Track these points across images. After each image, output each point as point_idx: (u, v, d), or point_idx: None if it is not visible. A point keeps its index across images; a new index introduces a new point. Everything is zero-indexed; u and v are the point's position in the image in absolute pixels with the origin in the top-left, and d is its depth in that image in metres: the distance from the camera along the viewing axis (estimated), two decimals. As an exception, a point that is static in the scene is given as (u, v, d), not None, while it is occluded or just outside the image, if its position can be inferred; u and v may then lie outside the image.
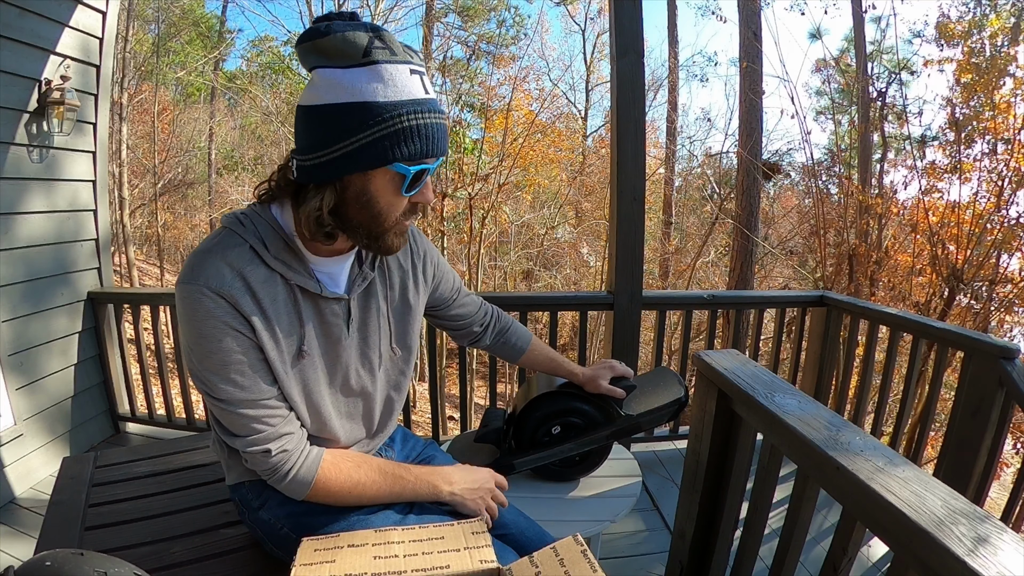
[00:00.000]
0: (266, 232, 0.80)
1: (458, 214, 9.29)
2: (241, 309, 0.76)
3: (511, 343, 1.27)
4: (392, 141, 0.72)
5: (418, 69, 0.75)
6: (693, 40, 32.73)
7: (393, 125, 0.72)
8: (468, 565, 0.68)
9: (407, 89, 0.73)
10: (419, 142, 0.74)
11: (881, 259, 5.63)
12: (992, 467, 1.67)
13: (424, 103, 0.74)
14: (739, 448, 1.15)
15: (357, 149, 0.72)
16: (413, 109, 0.73)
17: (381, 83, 0.71)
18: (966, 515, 0.66)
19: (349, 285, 0.88)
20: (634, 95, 2.13)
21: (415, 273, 1.00)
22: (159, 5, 11.21)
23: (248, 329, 0.78)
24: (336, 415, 0.90)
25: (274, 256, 0.80)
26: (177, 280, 0.78)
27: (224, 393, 0.78)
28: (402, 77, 0.73)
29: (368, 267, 0.90)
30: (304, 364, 0.84)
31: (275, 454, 0.81)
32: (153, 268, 12.18)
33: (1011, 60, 5.19)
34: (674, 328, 8.17)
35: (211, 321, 0.75)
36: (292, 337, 0.82)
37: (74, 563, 0.56)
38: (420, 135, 0.74)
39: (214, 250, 0.77)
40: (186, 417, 2.64)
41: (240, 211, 0.83)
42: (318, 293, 0.83)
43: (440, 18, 11.56)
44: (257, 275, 0.78)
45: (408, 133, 0.73)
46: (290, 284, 0.81)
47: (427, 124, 0.74)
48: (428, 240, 1.07)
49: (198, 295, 0.75)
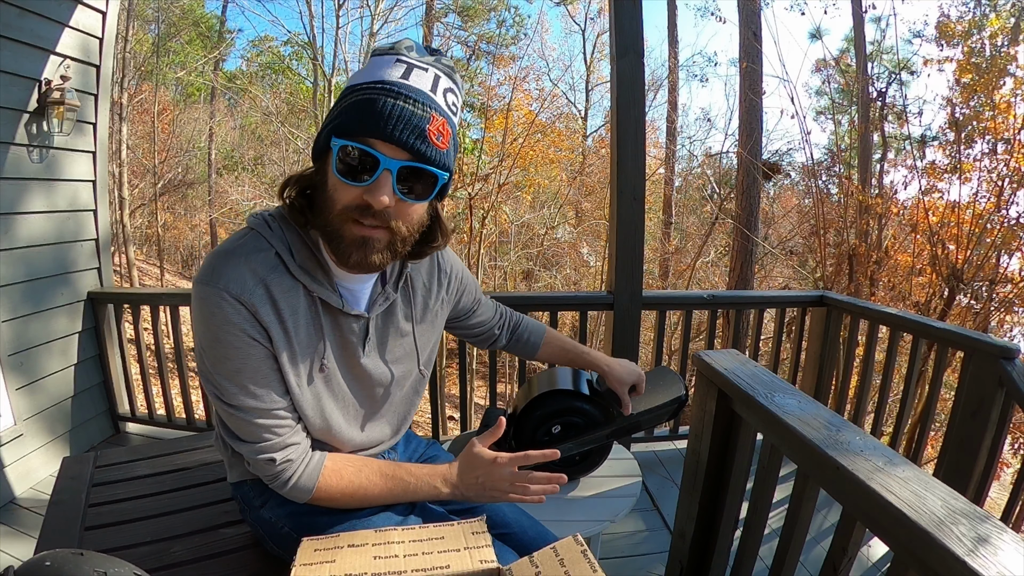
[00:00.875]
0: (293, 239, 0.78)
1: (458, 214, 9.28)
2: (260, 318, 0.74)
3: (525, 339, 1.27)
4: (339, 115, 0.71)
5: (407, 59, 0.72)
6: (693, 40, 32.79)
7: (346, 101, 0.71)
8: (468, 565, 0.68)
9: (380, 72, 0.71)
10: (355, 115, 0.69)
11: (881, 259, 5.63)
12: (992, 467, 1.67)
13: (388, 84, 0.70)
14: (739, 448, 1.15)
15: (323, 125, 0.74)
16: (369, 87, 0.70)
17: (367, 70, 0.73)
18: (966, 515, 0.66)
19: (370, 304, 0.87)
20: (634, 95, 2.14)
21: (439, 290, 0.98)
22: (159, 5, 11.21)
23: (266, 339, 0.76)
24: (347, 427, 0.89)
25: (299, 265, 0.77)
26: (195, 278, 0.75)
27: (235, 399, 0.77)
28: (382, 62, 0.72)
29: (391, 287, 0.88)
30: (322, 379, 0.82)
31: (279, 463, 0.80)
32: (153, 268, 12.17)
33: (1011, 60, 5.19)
34: (674, 328, 8.16)
35: (228, 327, 0.73)
36: (312, 351, 0.80)
37: (74, 563, 0.56)
38: (360, 109, 0.69)
39: (238, 252, 0.75)
40: (186, 417, 2.64)
41: (266, 212, 0.80)
42: (339, 308, 0.81)
43: (440, 18, 11.58)
44: (281, 284, 0.76)
45: (351, 108, 0.70)
46: (312, 296, 0.79)
47: (373, 100, 0.69)
48: (455, 256, 1.04)
49: (217, 299, 0.72)
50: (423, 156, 0.70)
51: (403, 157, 0.70)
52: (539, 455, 0.87)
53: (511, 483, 0.87)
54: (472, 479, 0.88)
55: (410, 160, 0.70)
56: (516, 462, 0.87)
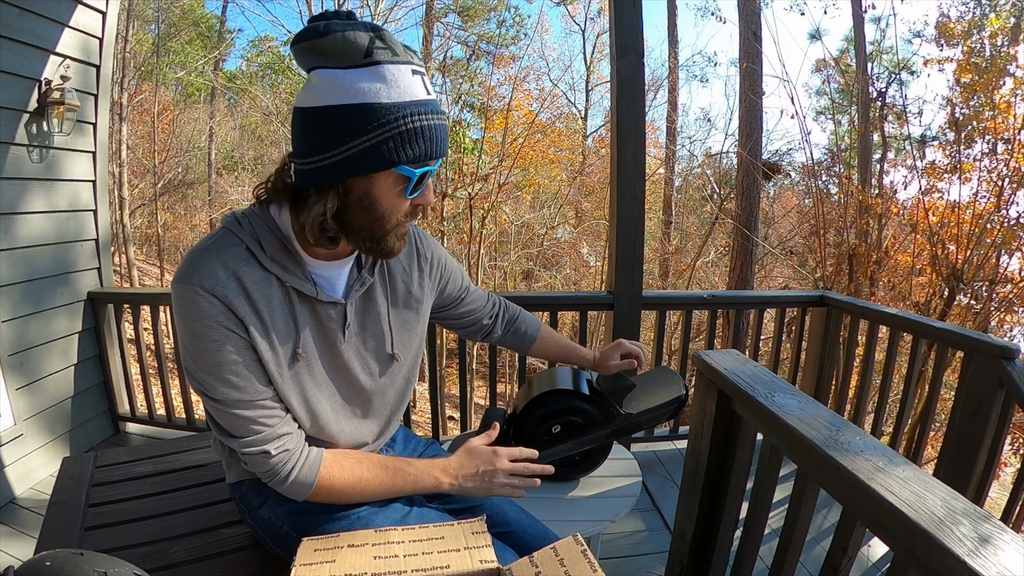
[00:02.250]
0: (263, 233, 0.79)
1: (458, 214, 9.29)
2: (235, 310, 0.76)
3: (522, 332, 1.28)
4: (396, 143, 0.72)
5: (419, 69, 0.75)
6: (693, 40, 32.73)
7: (397, 127, 0.71)
8: (468, 565, 0.68)
9: (410, 90, 0.72)
10: (423, 144, 0.73)
11: (881, 259, 5.63)
12: (992, 467, 1.67)
13: (426, 104, 0.74)
14: (739, 448, 1.15)
15: (360, 152, 0.71)
16: (416, 111, 0.72)
17: (384, 84, 0.70)
18: (966, 515, 0.66)
19: (347, 290, 0.88)
20: (634, 95, 2.14)
21: (420, 276, 0.99)
22: (159, 5, 11.21)
23: (242, 330, 0.77)
24: (335, 418, 0.89)
25: (270, 257, 0.79)
26: (173, 279, 0.78)
27: (219, 393, 0.78)
28: (404, 78, 0.72)
29: (368, 271, 0.89)
30: (300, 367, 0.83)
31: (275, 454, 0.80)
32: (153, 268, 12.18)
33: (1011, 60, 5.19)
34: (674, 328, 8.17)
35: (205, 321, 0.75)
36: (288, 340, 0.82)
37: (74, 563, 0.56)
38: (424, 137, 0.73)
39: (210, 249, 0.77)
40: (186, 417, 2.64)
41: (239, 211, 0.82)
42: (314, 296, 0.82)
43: (440, 18, 11.57)
44: (252, 276, 0.78)
45: (412, 135, 0.72)
46: (286, 286, 0.81)
47: (430, 126, 0.74)
48: (434, 240, 1.06)
49: (191, 294, 0.74)
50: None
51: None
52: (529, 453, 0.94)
53: (507, 475, 0.91)
54: (472, 470, 0.92)
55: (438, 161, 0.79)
56: (511, 455, 0.93)
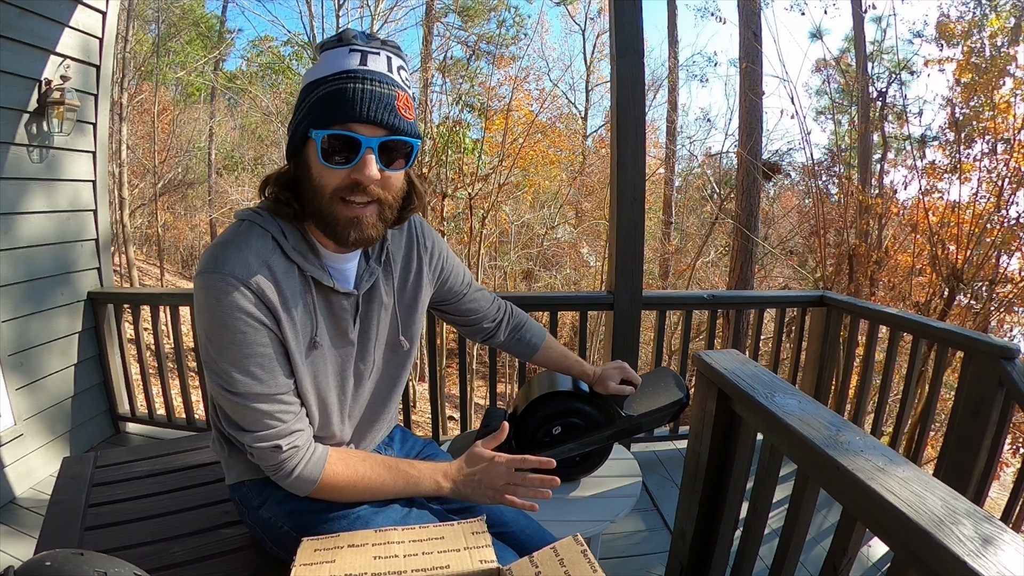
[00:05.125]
0: (284, 224, 0.82)
1: (458, 214, 9.28)
2: (267, 300, 0.77)
3: (526, 340, 1.26)
4: (310, 110, 0.76)
5: (365, 49, 0.77)
6: (693, 40, 32.77)
7: (316, 95, 0.76)
8: (468, 565, 0.68)
9: (338, 63, 0.76)
10: (330, 106, 0.75)
11: (881, 259, 5.63)
12: (992, 467, 1.67)
13: (352, 72, 0.75)
14: (739, 448, 1.15)
15: (294, 123, 0.79)
16: (335, 78, 0.75)
17: (321, 64, 0.77)
18: (966, 515, 0.66)
19: (357, 281, 0.90)
20: (634, 95, 2.13)
21: (420, 266, 1.00)
22: (159, 5, 11.20)
23: (272, 320, 0.79)
24: (338, 407, 0.91)
25: (293, 247, 0.81)
26: (197, 271, 0.77)
27: (241, 386, 0.78)
28: (340, 56, 0.76)
29: (375, 262, 0.91)
30: (315, 356, 0.85)
31: (286, 449, 0.81)
32: (153, 268, 12.17)
33: (1011, 60, 5.19)
34: (674, 328, 8.16)
35: (235, 312, 0.75)
36: (306, 328, 0.83)
37: (74, 563, 0.56)
38: (333, 99, 0.74)
39: (236, 241, 0.78)
40: (186, 417, 2.64)
41: (254, 207, 0.84)
42: (330, 287, 0.84)
43: (440, 18, 11.56)
44: (279, 265, 0.80)
45: (323, 100, 0.75)
46: (305, 276, 0.83)
47: (344, 88, 0.74)
48: (437, 234, 1.06)
49: (223, 284, 0.74)
50: (398, 129, 0.77)
51: (380, 134, 0.77)
52: (536, 461, 0.91)
53: (505, 483, 0.90)
54: (470, 475, 0.91)
55: (387, 135, 0.77)
56: (513, 464, 0.90)
